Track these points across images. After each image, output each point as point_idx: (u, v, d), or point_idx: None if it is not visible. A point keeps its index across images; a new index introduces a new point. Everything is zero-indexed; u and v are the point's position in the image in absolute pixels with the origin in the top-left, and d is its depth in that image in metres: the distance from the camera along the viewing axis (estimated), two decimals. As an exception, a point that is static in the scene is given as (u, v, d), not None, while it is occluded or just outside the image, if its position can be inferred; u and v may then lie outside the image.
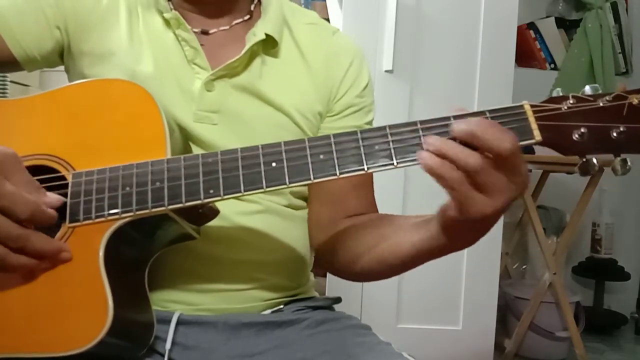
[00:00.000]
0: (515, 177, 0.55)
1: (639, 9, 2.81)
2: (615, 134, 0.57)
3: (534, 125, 0.57)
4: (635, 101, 0.57)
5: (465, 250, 1.78)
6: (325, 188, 0.82)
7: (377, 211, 0.85)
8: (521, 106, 0.58)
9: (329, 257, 0.82)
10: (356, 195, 0.82)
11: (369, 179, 0.84)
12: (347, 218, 0.81)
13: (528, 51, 2.72)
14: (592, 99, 0.57)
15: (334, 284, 1.65)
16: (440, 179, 0.56)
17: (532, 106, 0.58)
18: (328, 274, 1.67)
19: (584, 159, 0.58)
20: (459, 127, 0.55)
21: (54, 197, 0.61)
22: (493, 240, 1.82)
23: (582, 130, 0.57)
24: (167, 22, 0.78)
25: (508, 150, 0.54)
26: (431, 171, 0.55)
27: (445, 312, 1.82)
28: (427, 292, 1.80)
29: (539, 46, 2.74)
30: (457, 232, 0.61)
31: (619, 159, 0.58)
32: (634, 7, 2.79)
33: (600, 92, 0.58)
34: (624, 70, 2.75)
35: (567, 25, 2.74)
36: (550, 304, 2.13)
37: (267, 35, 0.79)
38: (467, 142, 0.55)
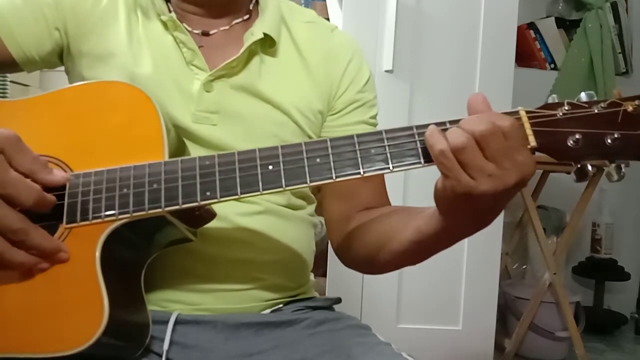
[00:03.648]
0: (504, 163, 0.55)
1: (639, 9, 2.80)
2: (609, 141, 0.57)
3: (529, 131, 0.58)
4: (630, 108, 0.57)
5: (465, 250, 1.79)
6: (336, 185, 0.82)
7: (389, 203, 0.85)
8: (517, 112, 0.59)
9: (346, 255, 0.82)
10: (368, 187, 0.83)
11: None
12: (360, 212, 0.82)
13: (528, 51, 2.72)
14: (587, 105, 0.58)
15: (334, 284, 1.65)
16: (431, 150, 0.57)
17: (527, 112, 0.59)
18: (328, 274, 1.67)
19: (579, 165, 0.59)
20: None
21: (59, 174, 0.62)
22: (493, 240, 1.82)
23: (577, 136, 0.57)
24: (165, 25, 0.78)
25: (483, 131, 0.54)
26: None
27: (445, 312, 1.82)
28: (427, 292, 1.80)
29: (539, 46, 2.74)
30: (451, 211, 0.60)
31: (613, 165, 0.58)
32: (634, 7, 2.79)
33: (595, 98, 0.58)
34: (624, 70, 2.75)
35: (567, 25, 2.74)
36: (550, 304, 2.13)
37: (265, 34, 0.79)
38: None
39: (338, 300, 0.88)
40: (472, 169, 0.55)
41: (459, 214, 0.60)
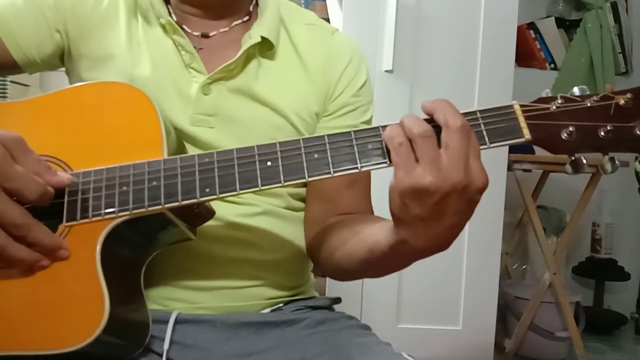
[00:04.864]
0: (458, 162, 0.55)
1: (639, 9, 2.80)
2: (602, 133, 0.58)
3: (523, 125, 0.59)
4: (621, 101, 0.58)
5: (465, 250, 1.80)
6: (320, 186, 0.82)
7: (371, 211, 0.85)
8: (511, 106, 0.60)
9: (316, 253, 0.82)
10: (350, 193, 0.82)
11: (364, 178, 0.84)
12: (337, 216, 0.81)
13: (528, 51, 2.72)
14: (579, 99, 0.59)
15: (334, 284, 1.65)
16: (388, 140, 0.57)
17: (521, 106, 0.60)
18: (328, 274, 1.67)
19: (573, 158, 0.59)
20: (426, 103, 0.59)
21: (64, 176, 0.62)
22: (493, 240, 1.82)
23: (571, 129, 0.58)
24: (164, 28, 0.78)
25: (458, 125, 0.55)
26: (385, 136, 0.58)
27: (445, 312, 1.82)
28: (427, 292, 1.80)
29: (539, 46, 2.74)
30: (403, 216, 0.58)
31: (607, 157, 0.59)
32: (634, 7, 2.79)
33: (588, 92, 0.59)
34: (624, 70, 2.75)
35: (567, 25, 2.74)
36: (550, 304, 2.13)
37: (262, 37, 0.79)
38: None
39: (338, 300, 0.88)
40: (423, 156, 0.55)
41: (412, 220, 0.57)
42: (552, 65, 2.74)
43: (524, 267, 2.43)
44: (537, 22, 2.73)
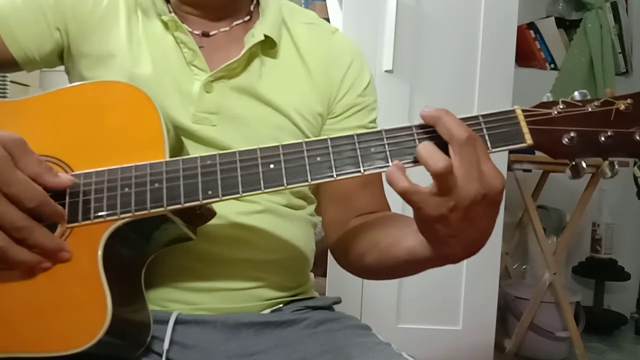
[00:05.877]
0: (472, 174, 0.55)
1: (639, 9, 2.80)
2: (603, 138, 0.58)
3: (525, 130, 0.59)
4: (622, 107, 0.58)
5: (465, 251, 1.79)
6: (335, 188, 0.82)
7: (388, 209, 0.85)
8: (513, 111, 0.60)
9: (342, 256, 0.82)
10: (366, 193, 0.82)
11: (377, 176, 0.84)
12: (358, 217, 0.81)
13: (528, 51, 2.72)
14: (581, 104, 0.59)
15: (334, 284, 1.65)
16: (393, 185, 0.57)
17: (523, 111, 0.60)
18: (328, 274, 1.67)
19: (574, 162, 0.60)
20: (425, 113, 0.58)
21: (65, 177, 0.62)
22: (493, 240, 1.79)
23: (572, 134, 0.58)
24: (166, 25, 0.78)
25: (464, 138, 0.55)
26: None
27: (445, 312, 1.82)
28: (427, 292, 1.80)
29: (539, 46, 2.74)
30: (436, 238, 0.60)
31: (607, 162, 0.59)
32: (634, 7, 2.79)
33: (588, 97, 0.60)
34: (624, 70, 2.75)
35: (567, 25, 2.74)
36: (550, 304, 2.14)
37: (265, 36, 0.79)
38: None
39: (338, 300, 0.88)
40: (445, 191, 0.55)
41: (445, 238, 0.59)
42: (552, 65, 2.74)
43: (524, 267, 2.43)
44: (537, 22, 2.73)
